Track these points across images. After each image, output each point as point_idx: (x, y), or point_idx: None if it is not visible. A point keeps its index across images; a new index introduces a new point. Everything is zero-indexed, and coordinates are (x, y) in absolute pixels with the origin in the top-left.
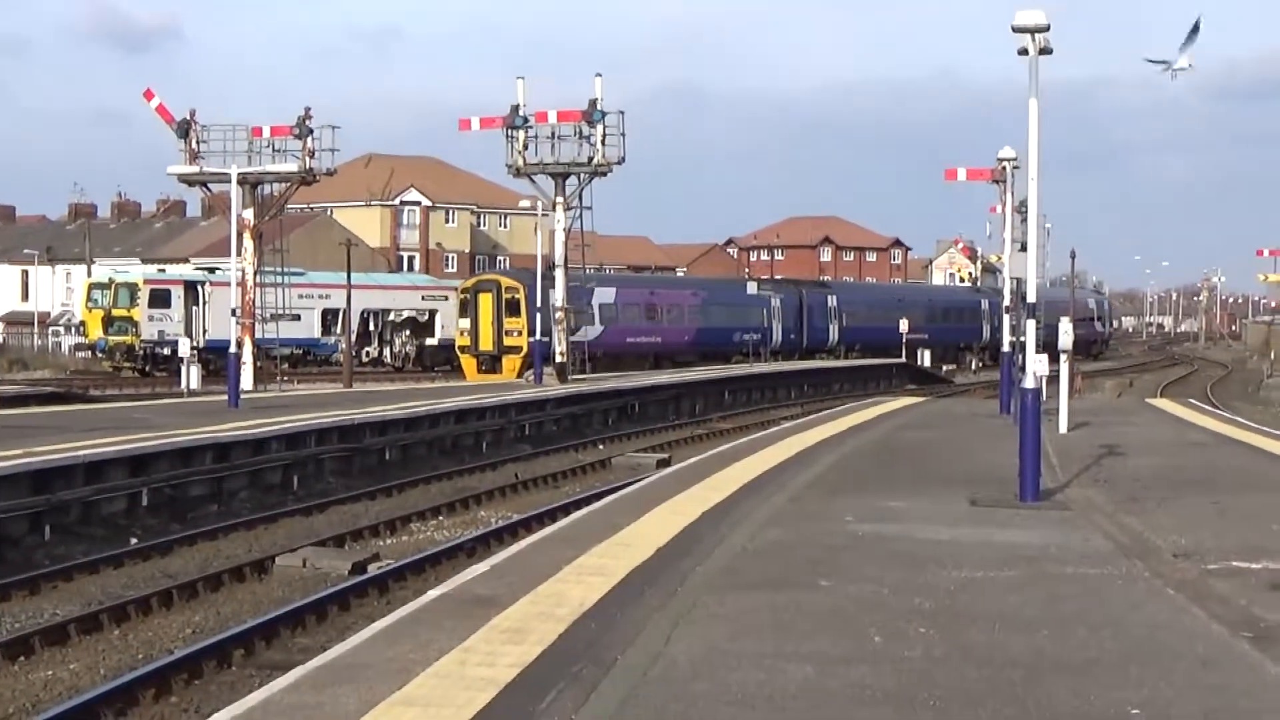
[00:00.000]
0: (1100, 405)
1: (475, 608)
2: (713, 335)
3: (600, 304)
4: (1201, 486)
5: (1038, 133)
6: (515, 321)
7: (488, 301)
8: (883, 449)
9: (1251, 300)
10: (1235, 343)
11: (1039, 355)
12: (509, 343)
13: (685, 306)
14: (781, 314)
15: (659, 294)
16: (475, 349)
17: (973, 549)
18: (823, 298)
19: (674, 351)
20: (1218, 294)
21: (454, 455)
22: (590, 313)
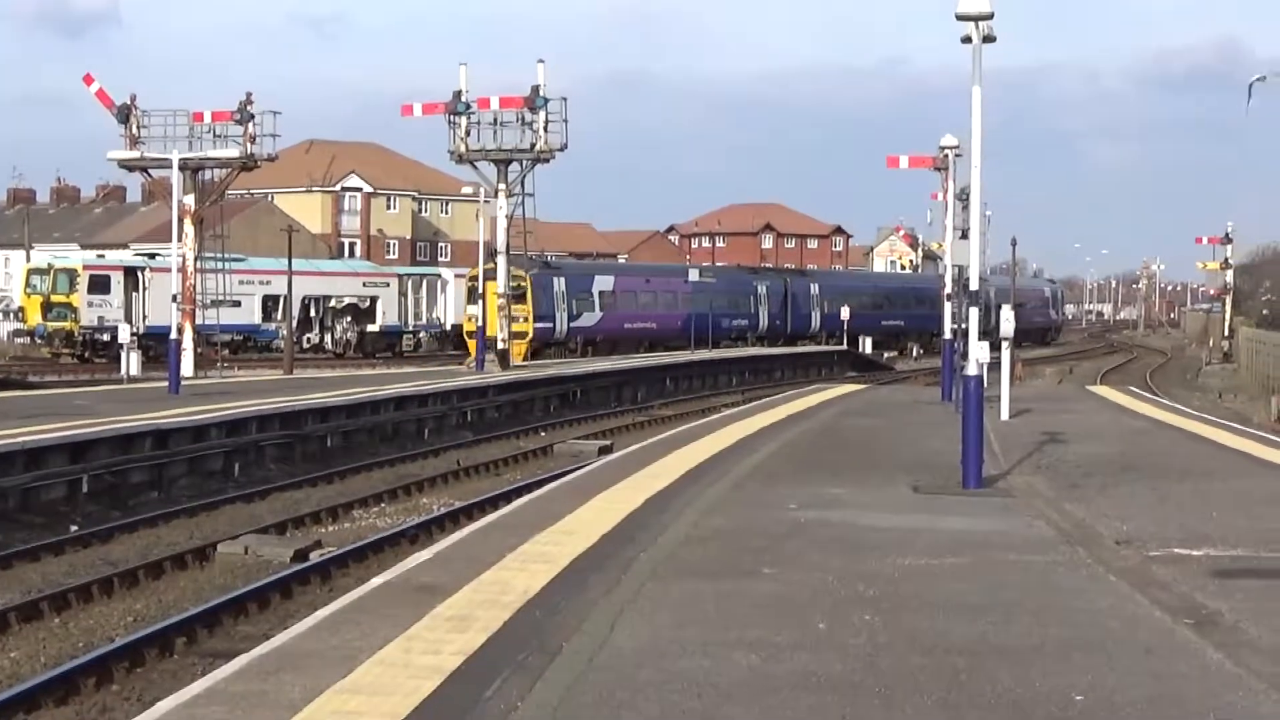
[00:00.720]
0: (1041, 392)
1: (419, 595)
2: (703, 321)
3: (600, 291)
4: (1142, 473)
5: (980, 120)
6: (521, 308)
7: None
8: (825, 436)
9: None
10: (1174, 330)
11: (981, 342)
12: (515, 328)
13: (678, 294)
14: (768, 301)
15: (654, 282)
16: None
17: (916, 536)
18: (806, 285)
19: (668, 337)
20: (1157, 282)
21: (396, 442)
22: (591, 299)
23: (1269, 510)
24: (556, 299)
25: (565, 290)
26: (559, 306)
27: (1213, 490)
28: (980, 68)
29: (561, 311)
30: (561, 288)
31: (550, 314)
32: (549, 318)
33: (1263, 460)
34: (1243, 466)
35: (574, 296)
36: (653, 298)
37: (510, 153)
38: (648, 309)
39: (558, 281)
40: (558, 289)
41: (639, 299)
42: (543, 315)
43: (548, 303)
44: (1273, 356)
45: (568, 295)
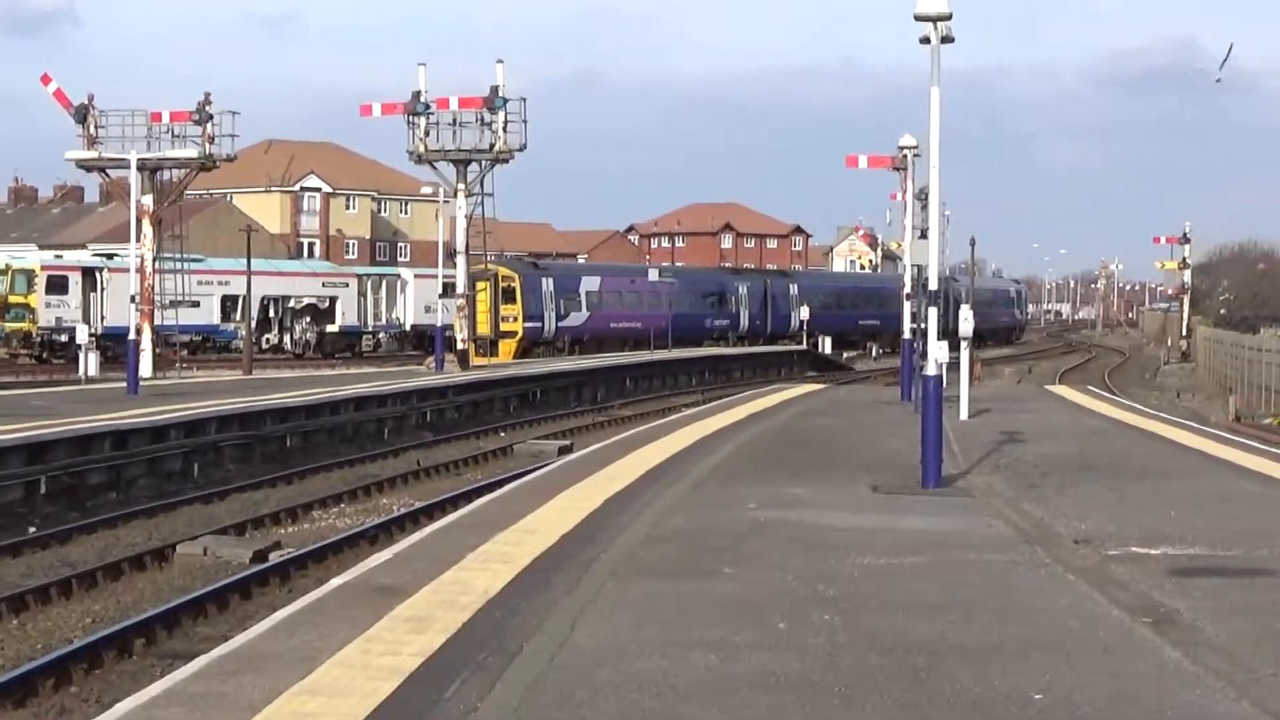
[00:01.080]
0: (1000, 392)
1: (378, 596)
2: (686, 321)
3: (587, 291)
4: (1101, 473)
5: (939, 120)
6: (510, 308)
7: (485, 290)
8: (785, 436)
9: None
10: (1133, 330)
11: (940, 342)
12: (505, 328)
13: (662, 294)
14: (748, 301)
15: (639, 282)
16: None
17: (876, 536)
18: (786, 285)
19: (653, 337)
20: (1115, 281)
21: (355, 442)
22: (578, 300)
23: (1226, 509)
24: (545, 299)
25: (553, 290)
26: (547, 306)
27: (1170, 489)
28: (939, 68)
29: (550, 311)
30: (550, 288)
31: (539, 314)
32: (538, 318)
33: (1220, 459)
34: (1200, 466)
35: (562, 297)
36: (637, 298)
37: (469, 153)
38: (633, 309)
39: (546, 282)
40: (546, 289)
41: (624, 299)
42: (532, 315)
43: (536, 303)
44: (1230, 355)
45: (556, 295)
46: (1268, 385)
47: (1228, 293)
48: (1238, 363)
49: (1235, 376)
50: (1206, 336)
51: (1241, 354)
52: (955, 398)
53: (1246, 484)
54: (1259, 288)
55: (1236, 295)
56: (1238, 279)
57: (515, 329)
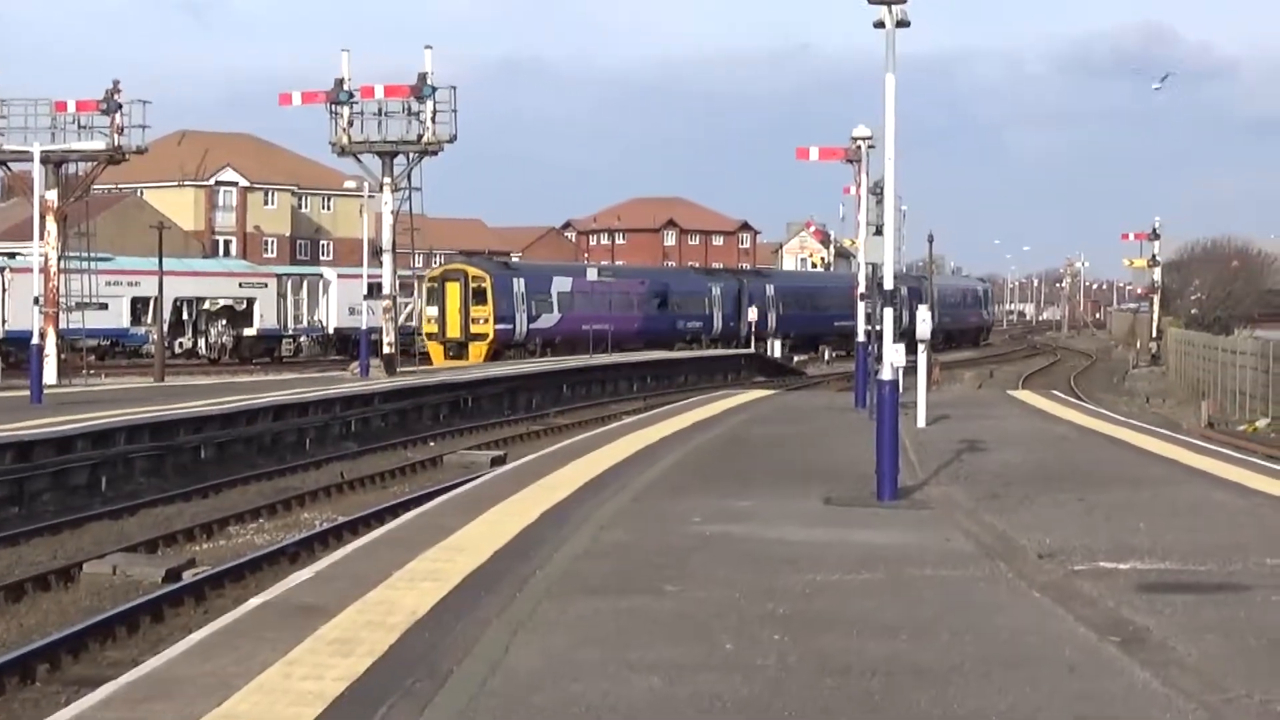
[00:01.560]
0: (960, 397)
1: (300, 617)
2: (658, 323)
3: (559, 292)
4: (1066, 482)
5: (895, 110)
6: (481, 309)
7: (455, 290)
8: (731, 445)
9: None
10: (1099, 331)
11: (897, 345)
12: (475, 330)
13: (634, 295)
14: (721, 302)
15: (610, 283)
16: (443, 336)
17: (828, 550)
18: (761, 286)
19: (623, 339)
20: (1081, 280)
21: (274, 453)
22: (550, 301)
23: (1198, 521)
24: (517, 300)
25: (525, 291)
26: (519, 308)
27: (1140, 500)
28: (894, 54)
29: (521, 313)
30: (521, 289)
31: (510, 315)
32: (509, 319)
33: (1192, 468)
34: (1171, 475)
35: (533, 297)
36: (610, 299)
37: (396, 144)
38: (605, 311)
39: (518, 282)
40: (518, 290)
41: (596, 301)
42: (503, 316)
43: (508, 304)
44: (1202, 358)
45: (527, 296)
46: (1242, 390)
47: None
48: (1210, 366)
49: (1208, 381)
50: (1177, 338)
51: (1214, 357)
52: (912, 404)
53: (1220, 494)
54: (1232, 286)
55: (1209, 294)
56: (1210, 277)
57: (486, 331)
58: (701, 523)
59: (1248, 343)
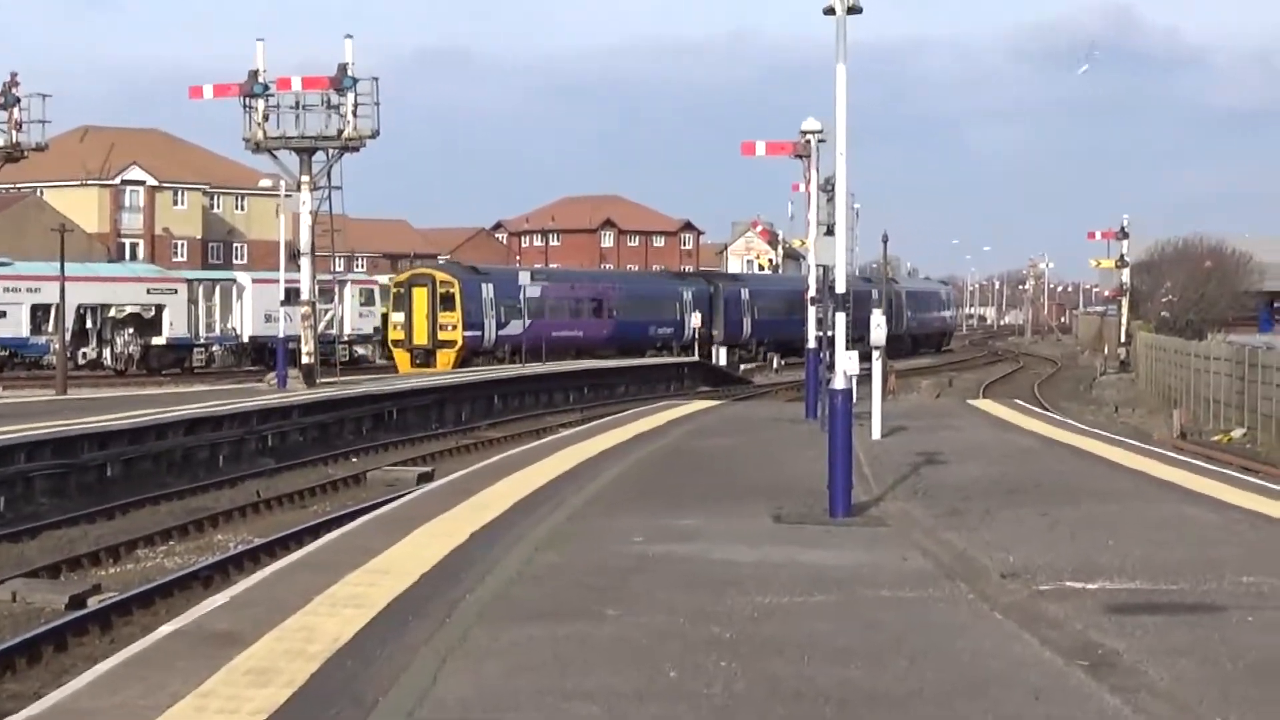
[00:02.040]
0: (917, 407)
1: (214, 646)
2: (629, 329)
3: (528, 298)
4: (1030, 497)
5: (846, 102)
6: (450, 315)
7: (422, 296)
8: (674, 459)
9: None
10: (1065, 336)
11: (849, 352)
12: (444, 336)
13: (604, 301)
14: (694, 307)
15: (580, 288)
16: (409, 343)
17: (778, 571)
18: (736, 290)
19: (594, 346)
20: (1045, 282)
21: (186, 471)
22: (519, 307)
23: (1171, 537)
24: (485, 306)
25: (494, 297)
26: (488, 314)
27: (1108, 516)
28: (845, 43)
29: (490, 319)
30: (490, 294)
31: (479, 322)
32: (478, 326)
33: (1164, 481)
34: (1141, 489)
35: (502, 303)
36: (580, 305)
37: (315, 140)
38: (575, 317)
39: (486, 288)
40: (486, 296)
41: (566, 306)
42: (472, 323)
43: (476, 310)
44: (1174, 365)
45: (496, 302)
46: (1215, 398)
47: (1171, 294)
48: (1182, 373)
49: (1180, 388)
50: (1148, 343)
51: (1187, 363)
52: (867, 414)
53: (1193, 509)
54: (1205, 288)
55: (1181, 297)
56: (1182, 278)
57: (455, 338)
58: (643, 542)
59: (1222, 348)
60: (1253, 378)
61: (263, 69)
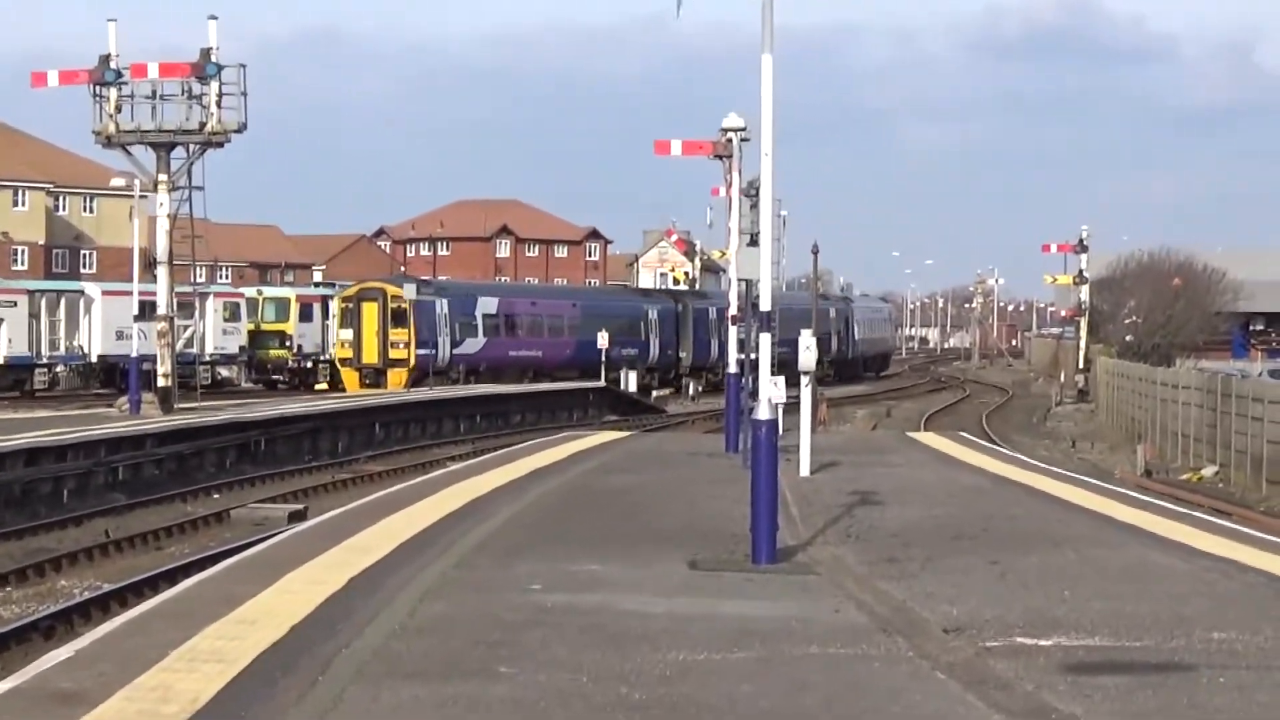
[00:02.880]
0: (851, 440)
1: (55, 706)
2: (591, 349)
3: (484, 314)
4: (977, 542)
5: (772, 96)
6: (401, 332)
7: (372, 311)
8: (577, 498)
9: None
10: (1016, 361)
11: (776, 378)
12: (395, 355)
13: (565, 318)
14: (659, 327)
15: (540, 304)
16: (358, 361)
17: (694, 624)
18: (705, 309)
19: (554, 367)
20: (995, 300)
21: (25, 507)
22: (474, 324)
23: (1134, 588)
24: (439, 323)
25: (448, 313)
26: (441, 331)
27: (1065, 563)
28: (772, 30)
29: (444, 337)
30: (444, 310)
31: (432, 340)
32: (430, 344)
33: (1126, 525)
34: (1102, 533)
35: (457, 320)
36: (539, 323)
37: (174, 134)
38: (534, 335)
39: (440, 304)
40: (440, 311)
41: (524, 324)
42: (424, 341)
43: (429, 327)
44: (1138, 394)
45: (451, 319)
46: (1184, 432)
47: (1135, 314)
48: (1148, 403)
49: (1145, 420)
50: (1109, 370)
51: (1152, 392)
52: (794, 448)
53: (1159, 555)
54: (1173, 309)
55: (1146, 318)
56: (1147, 297)
57: (405, 356)
58: (542, 591)
59: (1191, 376)
60: (1225, 409)
61: (115, 53)
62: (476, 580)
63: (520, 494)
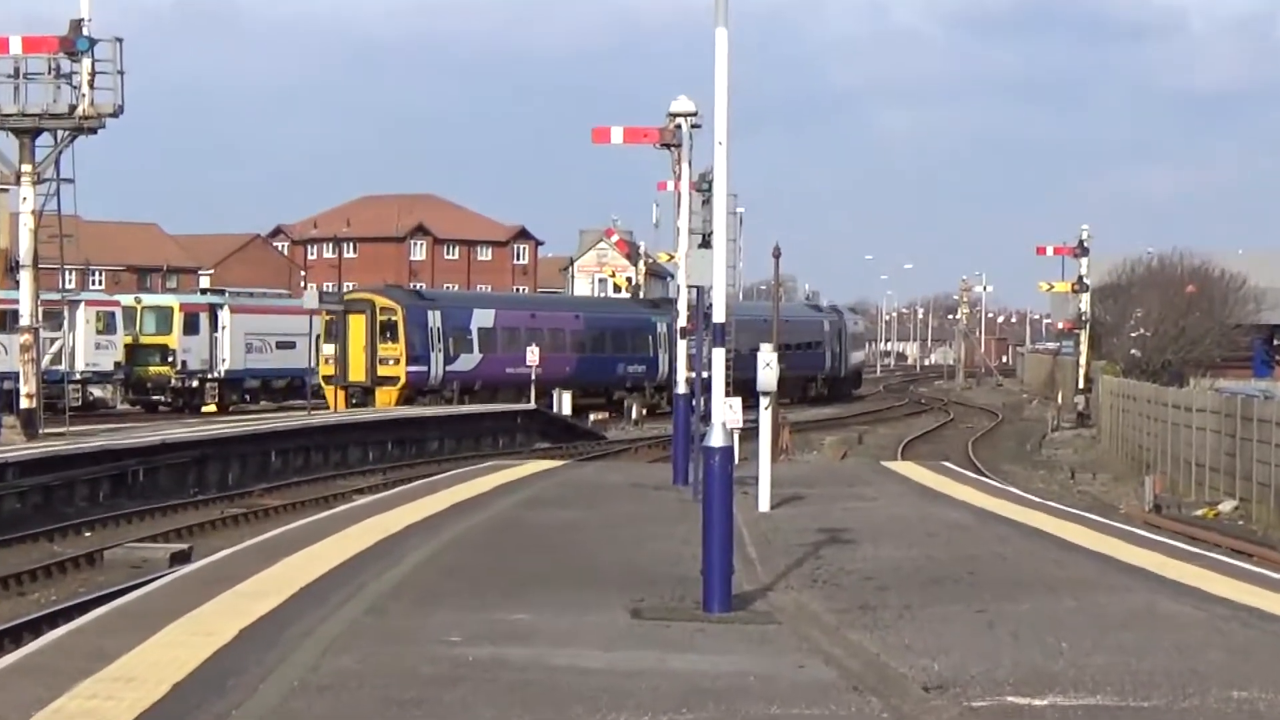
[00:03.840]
0: (818, 471)
1: None
2: (595, 366)
3: (479, 328)
4: (962, 587)
5: (728, 76)
6: (391, 347)
7: (359, 324)
8: (504, 536)
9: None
10: (1007, 380)
11: (731, 400)
12: (384, 372)
13: (567, 332)
14: (668, 340)
15: (540, 317)
16: (344, 379)
17: (637, 681)
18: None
19: (554, 385)
20: (983, 310)
21: None
22: (469, 338)
23: (1142, 639)
24: (432, 337)
25: (441, 326)
26: (434, 346)
27: (1062, 611)
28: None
29: (437, 352)
30: (437, 323)
31: (425, 355)
32: (423, 359)
33: (1132, 567)
34: (1104, 576)
35: (451, 334)
36: (539, 337)
37: (39, 118)
38: None
39: (433, 315)
40: (433, 325)
41: (522, 338)
42: (416, 357)
43: (422, 341)
44: (1146, 418)
45: (444, 332)
46: (1199, 461)
47: (1143, 327)
48: (1157, 428)
49: (1154, 448)
50: (1113, 390)
51: (1163, 415)
52: (753, 479)
53: (1169, 602)
54: (1186, 320)
55: (1155, 331)
56: (1157, 307)
57: (397, 374)
58: (463, 644)
59: (1207, 397)
60: (1246, 435)
61: None
62: (389, 630)
63: (439, 531)
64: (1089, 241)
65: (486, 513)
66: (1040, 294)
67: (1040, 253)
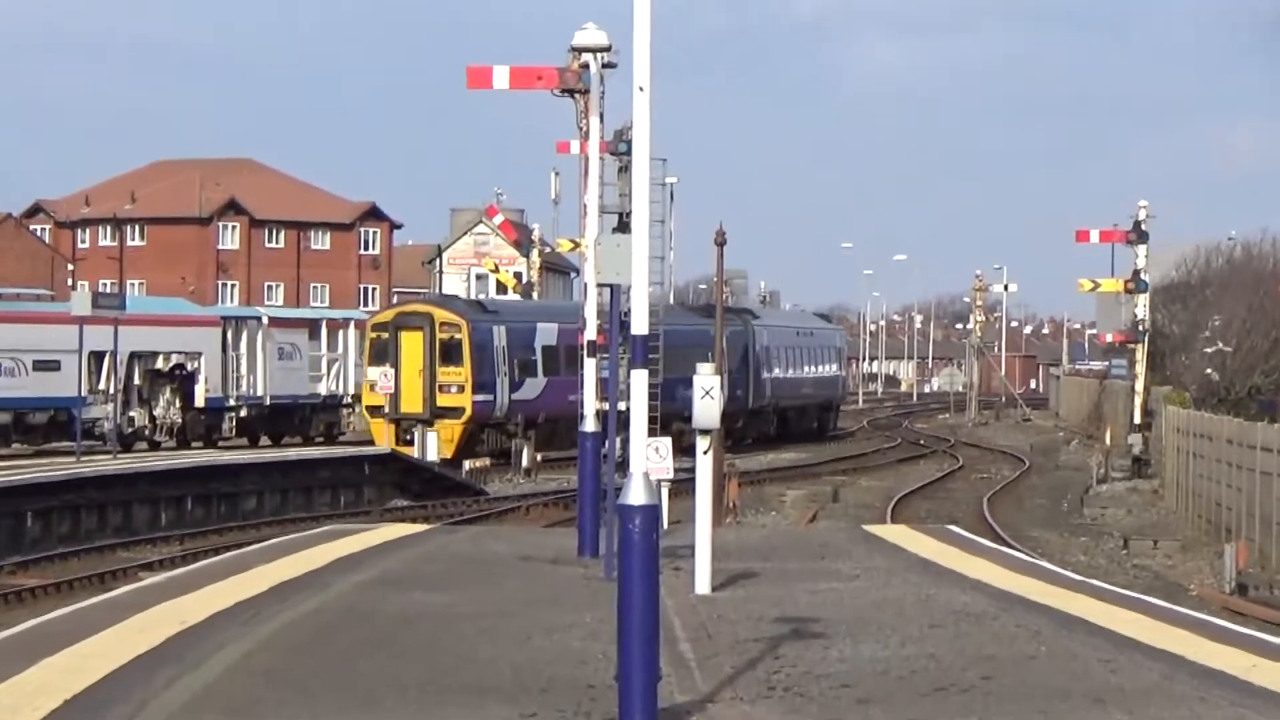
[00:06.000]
0: (777, 538)
1: None
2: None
3: (543, 346)
4: (975, 699)
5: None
6: (454, 372)
7: (414, 344)
8: (345, 629)
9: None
10: (1036, 412)
11: (658, 441)
12: (445, 402)
13: None
14: (729, 358)
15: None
16: (395, 410)
17: None
18: (760, 332)
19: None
20: (1003, 316)
21: None
22: (533, 360)
23: None
24: (499, 358)
25: (506, 345)
26: (500, 370)
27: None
28: None
29: (503, 377)
30: (503, 341)
31: (491, 381)
32: (489, 386)
33: (1208, 670)
34: (1170, 684)
35: (516, 355)
36: None
37: None
38: None
39: (498, 332)
40: (499, 343)
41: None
42: (483, 383)
43: (489, 364)
44: (1227, 464)
45: (509, 353)
46: None
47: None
48: (1242, 479)
49: (1237, 506)
50: (1181, 427)
51: (1249, 461)
52: (688, 549)
53: (1259, 719)
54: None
55: (1239, 345)
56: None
57: (461, 403)
58: None
59: None
60: None
61: None
62: None
63: (256, 623)
64: (1148, 224)
65: (322, 596)
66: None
67: (1081, 239)
